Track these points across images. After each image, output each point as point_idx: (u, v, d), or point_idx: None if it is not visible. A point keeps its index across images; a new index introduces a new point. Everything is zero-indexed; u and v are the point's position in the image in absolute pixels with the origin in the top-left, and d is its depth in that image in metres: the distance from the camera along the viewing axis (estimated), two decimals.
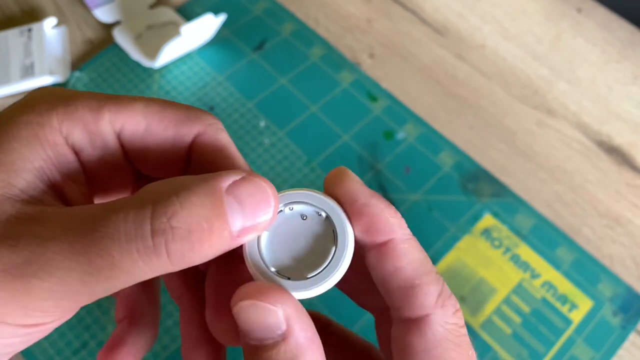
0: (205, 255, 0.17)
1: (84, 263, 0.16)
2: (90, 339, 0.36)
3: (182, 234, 0.16)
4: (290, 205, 0.20)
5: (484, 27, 0.50)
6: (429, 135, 0.44)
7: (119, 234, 0.16)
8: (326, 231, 0.19)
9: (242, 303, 0.17)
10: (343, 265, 0.19)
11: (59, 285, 0.16)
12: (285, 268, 0.19)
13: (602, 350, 0.36)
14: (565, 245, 0.39)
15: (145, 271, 0.17)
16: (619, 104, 0.46)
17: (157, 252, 0.16)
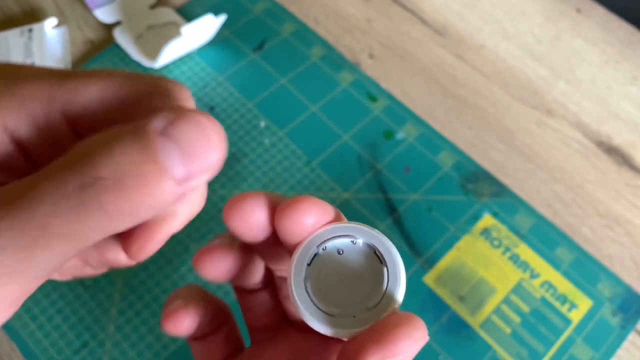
0: (148, 206, 0.15)
1: (15, 236, 0.15)
2: (91, 339, 0.36)
3: (112, 184, 0.15)
4: (323, 245, 0.19)
5: (483, 27, 0.50)
6: (429, 135, 0.44)
7: (46, 196, 0.15)
8: (369, 256, 0.19)
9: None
10: (401, 285, 0.18)
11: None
12: (346, 307, 0.18)
13: (601, 350, 0.36)
14: (565, 245, 0.39)
15: (85, 232, 0.15)
16: (619, 104, 0.46)
17: (89, 208, 0.15)
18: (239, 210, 0.19)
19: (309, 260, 0.18)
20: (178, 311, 0.21)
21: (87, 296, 0.37)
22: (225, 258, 0.21)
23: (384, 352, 0.16)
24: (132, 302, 0.37)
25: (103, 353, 0.35)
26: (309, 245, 0.18)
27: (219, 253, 0.21)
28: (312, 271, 0.18)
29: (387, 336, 0.16)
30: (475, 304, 0.37)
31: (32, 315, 0.36)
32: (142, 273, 0.38)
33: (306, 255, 0.18)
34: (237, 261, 0.21)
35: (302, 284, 0.18)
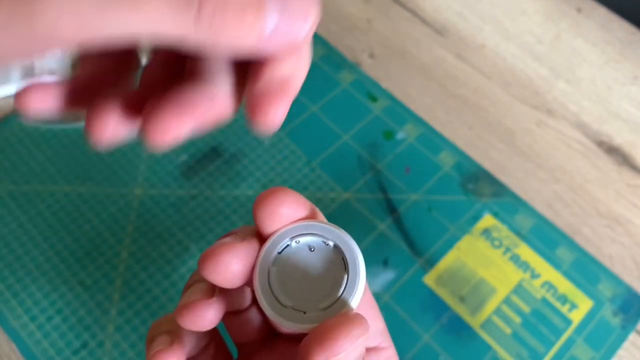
0: (231, 37, 0.16)
1: None
2: (90, 339, 0.36)
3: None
4: (297, 239, 0.19)
5: (484, 27, 0.50)
6: (429, 135, 0.44)
7: None
8: (335, 260, 0.19)
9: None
10: (357, 293, 0.18)
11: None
12: (300, 302, 0.18)
13: (602, 350, 0.36)
14: (565, 245, 0.39)
15: (168, 20, 0.15)
16: (619, 104, 0.46)
17: (189, 6, 0.15)
18: (214, 263, 0.19)
19: (280, 249, 0.19)
20: (163, 353, 0.21)
21: (87, 296, 0.37)
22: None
23: (327, 353, 0.17)
24: (132, 302, 0.37)
25: (102, 353, 0.35)
26: (283, 235, 0.19)
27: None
28: (280, 260, 0.19)
29: (327, 336, 0.17)
30: (475, 304, 0.37)
31: (31, 315, 0.36)
32: (142, 273, 0.38)
33: (278, 243, 0.19)
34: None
35: (267, 270, 0.19)
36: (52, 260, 0.38)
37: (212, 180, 0.41)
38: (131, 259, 0.38)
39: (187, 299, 0.20)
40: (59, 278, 0.38)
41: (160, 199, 0.41)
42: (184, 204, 0.40)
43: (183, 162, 0.42)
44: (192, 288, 0.21)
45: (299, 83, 0.18)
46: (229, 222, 0.40)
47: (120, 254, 0.38)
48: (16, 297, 0.37)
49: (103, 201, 0.40)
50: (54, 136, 0.43)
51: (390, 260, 0.38)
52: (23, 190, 0.41)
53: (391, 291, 0.37)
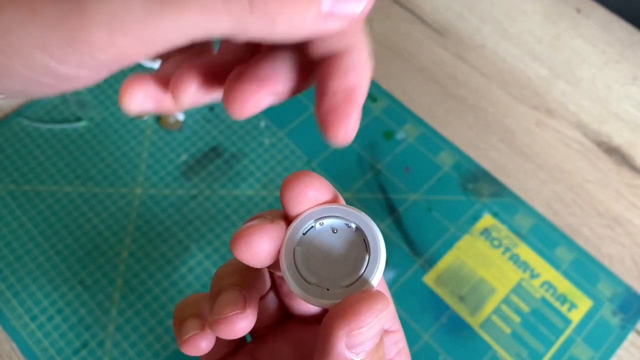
0: (288, 22, 0.15)
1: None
2: (91, 339, 0.36)
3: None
4: (321, 221, 0.20)
5: (483, 27, 0.50)
6: (429, 135, 0.44)
7: None
8: (357, 242, 0.20)
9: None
10: (378, 273, 0.19)
11: (120, 8, 0.14)
12: (323, 280, 0.19)
13: (601, 349, 0.36)
14: (565, 245, 0.39)
15: (221, 14, 0.15)
16: (619, 104, 0.46)
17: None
18: (246, 243, 0.19)
19: (305, 230, 0.20)
20: (197, 337, 0.22)
21: (87, 296, 0.37)
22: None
23: (350, 326, 0.17)
24: (132, 302, 0.37)
25: (103, 353, 0.35)
26: (308, 217, 0.20)
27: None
28: (305, 241, 0.20)
29: (350, 311, 0.18)
30: (475, 304, 0.37)
31: (32, 315, 0.36)
32: (142, 273, 0.38)
33: (303, 225, 0.20)
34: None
35: (292, 249, 0.20)
36: (53, 260, 0.38)
37: (212, 180, 0.41)
38: (131, 258, 0.38)
39: (221, 311, 0.21)
40: (59, 278, 0.38)
41: (161, 198, 0.41)
42: (184, 203, 0.40)
43: (183, 162, 0.42)
44: (224, 298, 0.21)
45: (365, 91, 0.19)
46: (229, 222, 0.40)
47: (121, 253, 0.39)
48: (17, 296, 0.37)
49: (103, 201, 0.40)
50: (54, 136, 0.43)
51: (390, 260, 0.38)
52: (23, 190, 0.41)
53: (391, 291, 0.37)
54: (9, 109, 0.44)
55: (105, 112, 0.44)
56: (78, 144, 0.43)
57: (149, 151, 0.42)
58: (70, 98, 0.45)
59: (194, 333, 0.22)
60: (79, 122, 0.44)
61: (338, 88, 0.18)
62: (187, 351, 0.22)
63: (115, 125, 0.43)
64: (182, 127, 0.44)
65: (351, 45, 0.18)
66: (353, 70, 0.18)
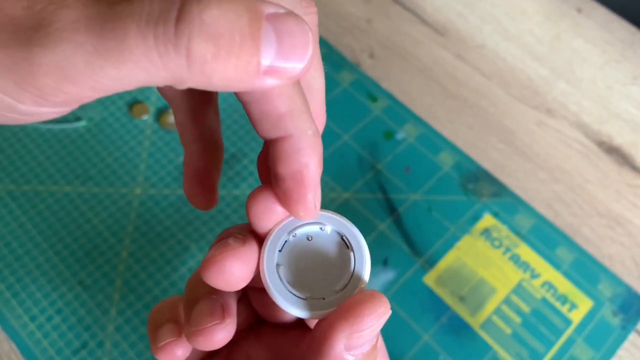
0: (225, 78, 0.15)
1: (95, 37, 0.14)
2: (90, 339, 0.36)
3: (210, 32, 0.15)
4: (293, 232, 0.20)
5: (484, 27, 0.50)
6: (429, 135, 0.44)
7: (140, 11, 0.14)
8: (336, 242, 0.20)
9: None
10: (367, 265, 0.19)
11: (63, 60, 0.15)
12: (316, 290, 0.19)
13: (602, 350, 0.36)
14: (565, 245, 0.39)
15: (158, 67, 0.15)
16: (619, 104, 0.46)
17: (177, 45, 0.14)
18: (218, 270, 0.19)
19: (280, 247, 0.19)
20: (172, 345, 0.22)
21: (87, 296, 0.37)
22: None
23: (352, 328, 0.17)
24: (132, 302, 0.37)
25: (102, 353, 0.35)
26: (279, 233, 0.19)
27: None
28: (283, 257, 0.19)
29: (353, 313, 0.17)
30: (475, 304, 0.37)
31: (31, 315, 0.36)
32: (142, 273, 0.38)
33: (277, 241, 0.19)
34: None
35: (275, 270, 0.19)
36: (52, 260, 0.38)
37: None
38: (131, 258, 0.38)
39: (199, 322, 0.20)
40: (58, 278, 0.38)
41: (160, 199, 0.41)
42: (184, 203, 0.40)
43: (183, 162, 0.42)
44: (201, 307, 0.21)
45: (315, 171, 0.19)
46: (229, 222, 0.40)
47: (120, 253, 0.38)
48: (16, 297, 0.37)
49: (103, 201, 0.40)
50: (54, 136, 0.43)
51: (390, 260, 0.38)
52: (23, 190, 0.41)
53: (391, 291, 0.37)
54: None
55: (105, 112, 0.44)
56: (77, 144, 0.43)
57: (148, 151, 0.42)
58: None
59: (169, 340, 0.21)
60: (78, 122, 0.44)
61: (285, 174, 0.18)
62: (162, 358, 0.21)
63: (114, 125, 0.43)
64: None
65: (293, 129, 0.18)
66: (297, 154, 0.18)
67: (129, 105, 0.44)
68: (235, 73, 0.15)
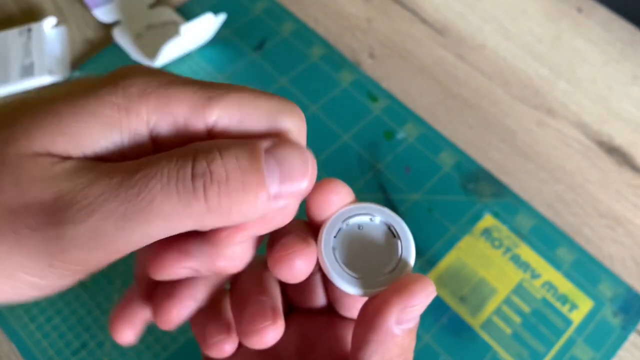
0: (241, 209, 0.17)
1: (122, 203, 0.16)
2: (90, 339, 0.36)
3: (220, 178, 0.17)
4: (346, 222, 0.22)
5: (484, 27, 0.50)
6: (429, 135, 0.44)
7: (161, 174, 0.17)
8: (384, 231, 0.22)
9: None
10: (413, 252, 0.21)
11: (94, 231, 0.16)
12: (367, 273, 0.21)
13: (602, 350, 0.36)
14: (566, 245, 0.39)
15: (183, 217, 0.17)
16: (620, 104, 0.46)
17: (196, 194, 0.17)
18: (289, 269, 0.21)
19: (335, 233, 0.21)
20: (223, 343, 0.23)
21: (87, 297, 0.37)
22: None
23: (405, 302, 0.19)
24: None
25: (102, 354, 0.35)
26: (335, 221, 0.21)
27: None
28: (338, 242, 0.21)
29: (406, 290, 0.19)
30: (475, 304, 0.37)
31: (31, 315, 0.36)
32: None
33: (333, 229, 0.21)
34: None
35: (331, 253, 0.21)
36: None
37: None
38: (131, 259, 0.38)
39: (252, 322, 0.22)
40: None
41: None
42: None
43: None
44: (253, 309, 0.22)
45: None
46: None
47: None
48: None
49: None
50: None
51: None
52: None
53: None
54: None
55: None
56: None
57: None
58: None
59: (220, 337, 0.23)
60: None
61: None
62: (213, 354, 0.23)
63: None
64: None
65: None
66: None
67: None
68: (249, 206, 0.18)
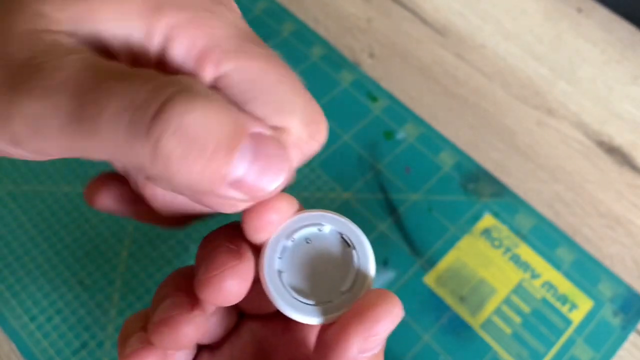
0: (188, 180, 0.15)
1: (74, 104, 0.15)
2: (90, 339, 0.36)
3: (185, 135, 0.14)
4: (291, 237, 0.19)
5: (484, 27, 0.50)
6: (429, 135, 0.44)
7: (124, 93, 0.14)
8: (336, 241, 0.19)
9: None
10: (371, 260, 0.19)
11: (38, 118, 0.15)
12: (323, 294, 0.18)
13: (602, 350, 0.36)
14: (566, 245, 0.39)
15: (122, 151, 0.15)
16: (620, 104, 0.46)
17: (147, 136, 0.14)
18: (218, 290, 0.18)
19: (280, 253, 0.18)
20: (141, 351, 0.20)
21: (87, 296, 0.37)
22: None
23: (367, 332, 0.17)
24: (132, 302, 0.37)
25: (102, 353, 0.35)
26: (278, 238, 0.18)
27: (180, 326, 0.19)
28: (284, 263, 0.18)
29: (368, 316, 0.17)
30: (475, 304, 0.37)
31: (31, 315, 0.36)
32: (142, 273, 0.38)
33: (276, 248, 0.18)
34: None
35: (278, 278, 0.18)
36: (52, 260, 0.38)
37: None
38: (131, 259, 0.38)
39: (163, 312, 0.19)
40: (58, 278, 0.38)
41: None
42: None
43: None
44: (168, 302, 0.19)
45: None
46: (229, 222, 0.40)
47: (120, 254, 0.38)
48: (16, 297, 0.37)
49: None
50: None
51: (390, 260, 0.38)
52: (23, 190, 0.41)
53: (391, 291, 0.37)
54: None
55: None
56: None
57: None
58: None
59: (138, 347, 0.19)
60: None
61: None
62: (162, 342, 0.19)
63: None
64: None
65: None
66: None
67: None
68: (199, 177, 0.15)
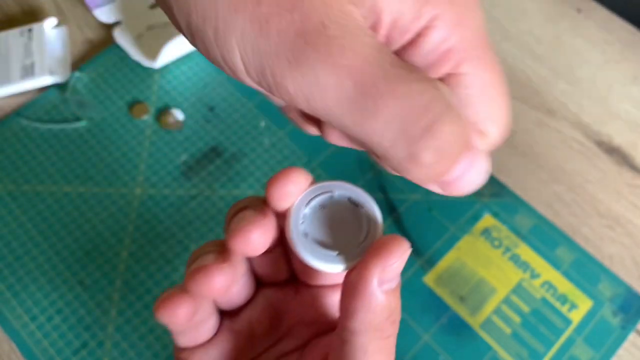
0: (411, 173, 0.17)
1: (356, 93, 0.15)
2: (90, 339, 0.36)
3: (441, 151, 0.15)
4: (309, 205, 0.22)
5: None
6: None
7: (402, 103, 0.15)
8: (346, 204, 0.23)
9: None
10: (378, 213, 0.22)
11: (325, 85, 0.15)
12: (342, 248, 0.21)
13: (601, 350, 0.36)
14: (565, 245, 0.39)
15: (374, 141, 0.16)
16: (619, 104, 0.46)
17: (408, 146, 0.15)
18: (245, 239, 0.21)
19: (302, 220, 0.22)
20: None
21: (87, 296, 0.37)
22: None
23: (383, 263, 0.20)
24: (132, 302, 0.37)
25: (102, 353, 0.35)
26: (298, 208, 0.22)
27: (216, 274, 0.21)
28: (307, 227, 0.22)
29: (382, 251, 0.20)
30: (475, 304, 0.37)
31: (31, 315, 0.36)
32: (142, 273, 0.38)
33: (298, 215, 0.22)
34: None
35: (304, 239, 0.21)
36: (52, 260, 0.38)
37: (212, 180, 0.41)
38: (131, 259, 0.38)
39: (199, 263, 0.21)
40: (59, 278, 0.38)
41: (160, 199, 0.41)
42: (184, 204, 0.40)
43: (183, 162, 0.42)
44: (202, 256, 0.22)
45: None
46: None
47: (120, 254, 0.38)
48: (16, 297, 0.37)
49: (103, 201, 0.40)
50: (54, 136, 0.43)
51: None
52: (23, 190, 0.41)
53: None
54: (9, 108, 0.44)
55: (105, 112, 0.44)
56: (77, 144, 0.43)
57: (148, 151, 0.42)
58: (70, 98, 0.44)
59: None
60: (78, 122, 0.44)
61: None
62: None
63: (114, 125, 0.43)
64: (181, 127, 0.43)
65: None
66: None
67: (129, 105, 0.44)
68: (422, 176, 0.17)
